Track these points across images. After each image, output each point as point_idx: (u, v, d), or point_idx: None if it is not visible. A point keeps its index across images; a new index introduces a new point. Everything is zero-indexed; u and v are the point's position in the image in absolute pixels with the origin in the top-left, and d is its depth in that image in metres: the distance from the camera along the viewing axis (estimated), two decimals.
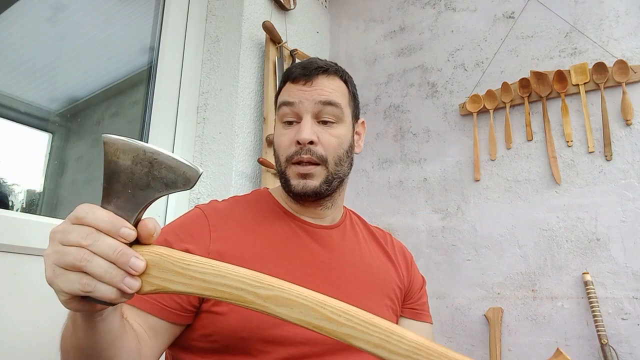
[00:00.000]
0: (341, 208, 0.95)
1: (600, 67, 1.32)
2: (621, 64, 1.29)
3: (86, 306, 0.48)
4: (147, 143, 1.46)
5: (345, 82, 0.88)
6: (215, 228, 0.78)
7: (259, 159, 1.40)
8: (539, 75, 1.41)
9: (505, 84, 1.47)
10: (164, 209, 1.35)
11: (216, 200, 0.89)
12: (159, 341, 0.72)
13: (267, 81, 1.49)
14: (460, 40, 1.63)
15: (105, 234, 0.45)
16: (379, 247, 0.96)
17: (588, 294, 1.22)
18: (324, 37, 1.93)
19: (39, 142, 1.20)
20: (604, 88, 1.32)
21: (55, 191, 1.21)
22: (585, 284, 1.24)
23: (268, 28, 1.50)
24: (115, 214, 0.46)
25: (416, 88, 1.69)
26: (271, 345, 0.72)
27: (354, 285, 0.84)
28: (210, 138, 1.45)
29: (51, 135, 1.23)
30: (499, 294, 1.38)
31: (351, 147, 0.88)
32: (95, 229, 0.44)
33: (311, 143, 0.80)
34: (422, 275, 1.02)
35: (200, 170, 0.47)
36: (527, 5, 1.51)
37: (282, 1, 1.63)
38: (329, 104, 0.82)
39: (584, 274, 1.26)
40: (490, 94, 1.50)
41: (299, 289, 0.48)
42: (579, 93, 1.36)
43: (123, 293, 0.46)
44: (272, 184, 1.39)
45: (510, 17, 1.54)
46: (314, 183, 0.81)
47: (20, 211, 1.10)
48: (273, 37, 1.53)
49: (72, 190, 1.25)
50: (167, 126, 1.41)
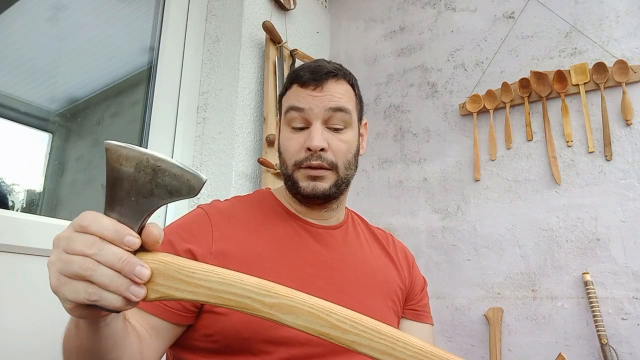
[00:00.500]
0: (344, 209, 0.95)
1: (600, 67, 1.32)
2: (621, 64, 1.29)
3: (91, 313, 0.48)
4: (148, 147, 1.45)
5: (352, 86, 0.88)
6: (217, 228, 0.78)
7: (259, 159, 1.40)
8: (539, 75, 1.41)
9: (505, 84, 1.47)
10: (164, 209, 1.35)
11: (218, 200, 0.89)
12: (161, 341, 0.72)
13: (267, 81, 1.49)
14: (460, 40, 1.63)
15: (109, 242, 0.44)
16: (380, 248, 0.96)
17: (588, 294, 1.22)
18: (324, 37, 1.93)
19: (39, 142, 1.20)
20: (604, 88, 1.32)
21: (55, 191, 1.21)
22: (585, 284, 1.24)
23: (268, 28, 1.50)
24: (119, 221, 0.45)
25: (416, 88, 1.69)
26: (273, 345, 0.72)
27: (355, 286, 0.84)
28: (210, 138, 1.45)
29: (51, 135, 1.23)
30: (499, 294, 1.38)
31: (358, 150, 0.88)
32: (100, 237, 0.44)
33: (321, 150, 0.81)
34: (424, 277, 1.02)
35: (204, 178, 0.47)
36: (527, 5, 1.51)
37: (282, 1, 1.63)
38: (339, 110, 0.82)
39: (584, 274, 1.26)
40: (490, 94, 1.50)
41: (304, 296, 0.49)
42: (579, 93, 1.36)
43: (128, 301, 0.46)
44: (272, 184, 1.39)
45: (510, 17, 1.54)
46: (324, 185, 0.82)
47: (20, 211, 1.10)
48: (273, 37, 1.53)
49: (72, 190, 1.25)
50: (167, 126, 1.41)
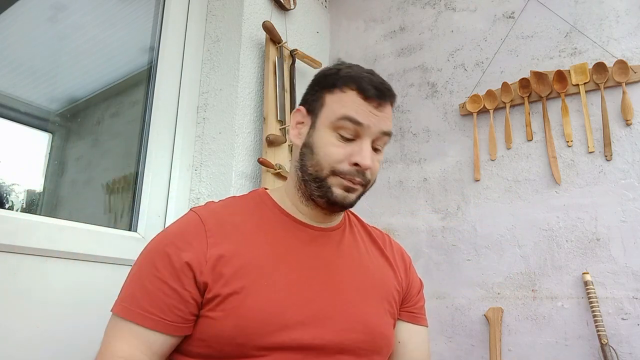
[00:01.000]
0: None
1: (600, 67, 1.32)
2: (621, 64, 1.29)
3: None
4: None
5: (392, 105, 0.87)
6: (212, 233, 0.77)
7: (259, 159, 1.40)
8: (539, 75, 1.41)
9: (505, 84, 1.47)
10: (164, 209, 1.35)
11: (212, 201, 0.87)
12: (161, 358, 0.73)
13: (267, 81, 1.49)
14: (460, 40, 1.63)
15: None
16: (377, 249, 0.96)
17: (588, 294, 1.22)
18: (324, 37, 1.93)
19: (39, 142, 1.20)
20: (604, 88, 1.32)
21: (55, 191, 1.21)
22: (585, 284, 1.24)
23: (268, 28, 1.50)
24: None
25: (416, 88, 1.69)
26: (267, 350, 0.72)
27: (352, 288, 0.84)
28: (210, 138, 1.45)
29: (51, 135, 1.23)
30: (499, 294, 1.38)
31: None
32: None
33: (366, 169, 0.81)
34: (420, 278, 1.02)
35: None
36: (527, 5, 1.51)
37: (282, 1, 1.63)
38: (388, 134, 0.84)
39: (584, 274, 1.26)
40: (490, 94, 1.50)
41: None
42: (579, 93, 1.36)
43: None
44: (272, 184, 1.39)
45: (510, 17, 1.54)
46: (353, 197, 0.83)
47: (20, 211, 1.10)
48: (273, 37, 1.53)
49: (72, 190, 1.25)
50: (167, 126, 1.41)
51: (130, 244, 1.19)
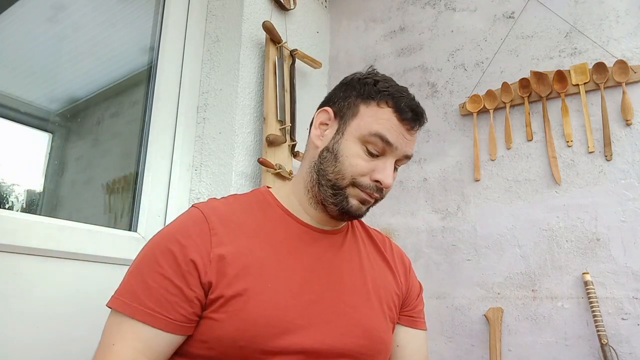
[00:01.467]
0: None
1: (600, 67, 1.32)
2: (621, 64, 1.29)
3: None
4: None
5: None
6: (215, 232, 0.76)
7: (259, 159, 1.40)
8: (539, 75, 1.41)
9: (505, 84, 1.47)
10: (164, 210, 1.35)
11: (215, 198, 0.86)
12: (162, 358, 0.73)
13: (267, 81, 1.49)
14: (460, 40, 1.63)
15: None
16: (377, 253, 0.95)
17: (588, 294, 1.22)
18: (324, 37, 1.93)
19: (39, 142, 1.20)
20: (604, 88, 1.32)
21: (55, 191, 1.21)
22: (585, 284, 1.24)
23: (268, 28, 1.50)
24: None
25: (416, 88, 1.69)
26: (268, 354, 0.72)
27: (352, 292, 0.83)
28: (210, 138, 1.45)
29: (51, 135, 1.23)
30: (499, 294, 1.38)
31: None
32: None
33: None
34: (420, 282, 1.02)
35: None
36: (527, 5, 1.51)
37: (282, 1, 1.63)
38: (409, 158, 0.85)
39: (584, 274, 1.26)
40: (490, 94, 1.50)
41: None
42: (579, 93, 1.36)
43: None
44: (272, 184, 1.39)
45: (510, 17, 1.54)
46: (364, 209, 0.84)
47: (20, 211, 1.10)
48: (273, 37, 1.53)
49: (72, 190, 1.25)
50: (167, 126, 1.41)
51: (130, 244, 1.19)
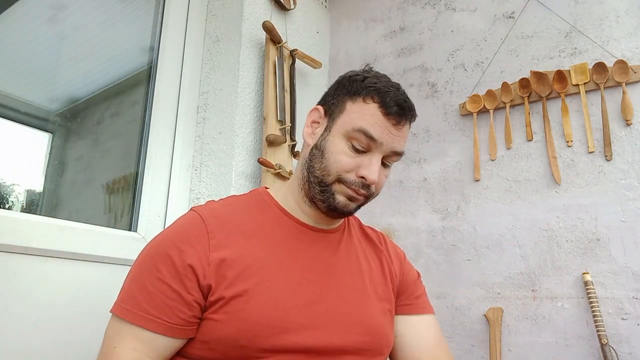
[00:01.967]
0: None
1: (600, 67, 1.32)
2: (621, 64, 1.29)
3: None
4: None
5: (411, 125, 0.87)
6: (214, 235, 0.76)
7: (259, 159, 1.40)
8: (539, 75, 1.41)
9: (505, 84, 1.47)
10: (164, 210, 1.35)
11: (213, 200, 0.87)
12: None
13: (267, 81, 1.49)
14: (460, 40, 1.63)
15: None
16: (374, 249, 0.96)
17: (588, 294, 1.22)
18: (324, 37, 1.93)
19: (39, 142, 1.20)
20: (604, 88, 1.32)
21: (55, 191, 1.21)
22: (585, 284, 1.24)
23: (268, 28, 1.50)
24: None
25: (416, 88, 1.69)
26: (269, 353, 0.72)
27: (352, 290, 0.84)
28: (210, 138, 1.45)
29: (51, 135, 1.23)
30: (499, 294, 1.38)
31: None
32: None
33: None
34: (417, 270, 1.01)
35: None
36: (527, 5, 1.51)
37: (282, 1, 1.63)
38: (399, 155, 0.83)
39: (584, 274, 1.26)
40: (490, 94, 1.50)
41: None
42: (579, 93, 1.36)
43: None
44: (272, 184, 1.39)
45: (510, 17, 1.54)
46: (354, 206, 0.83)
47: (20, 211, 1.10)
48: (273, 37, 1.53)
49: (72, 190, 1.25)
50: (167, 126, 1.41)
51: (130, 244, 1.19)
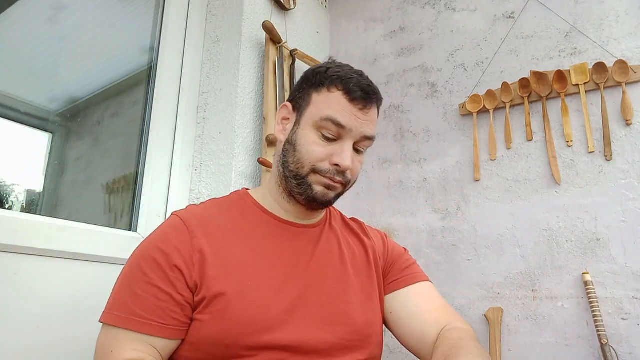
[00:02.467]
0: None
1: (600, 67, 1.32)
2: (621, 64, 1.29)
3: None
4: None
5: (379, 109, 0.87)
6: (195, 235, 0.77)
7: (259, 159, 1.40)
8: (539, 75, 1.41)
9: (505, 84, 1.47)
10: (164, 210, 1.35)
11: (194, 204, 0.88)
12: None
13: (267, 81, 1.49)
14: (460, 40, 1.63)
15: None
16: (356, 236, 0.96)
17: (588, 294, 1.22)
18: (324, 37, 1.93)
19: (39, 142, 1.20)
20: (604, 88, 1.32)
21: (55, 191, 1.21)
22: (585, 284, 1.24)
23: (268, 28, 1.50)
24: None
25: (416, 88, 1.69)
26: (255, 350, 0.72)
27: (335, 282, 0.84)
28: (210, 138, 1.45)
29: (51, 135, 1.23)
30: (499, 294, 1.38)
31: None
32: None
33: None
34: (404, 247, 1.01)
35: None
36: (527, 5, 1.51)
37: (282, 1, 1.63)
38: (370, 139, 0.83)
39: (584, 274, 1.26)
40: (490, 94, 1.50)
41: None
42: (579, 93, 1.36)
43: None
44: None
45: (510, 17, 1.54)
46: (332, 195, 0.84)
47: (20, 211, 1.10)
48: (273, 37, 1.53)
49: (72, 190, 1.25)
50: (167, 126, 1.41)
51: (130, 244, 1.18)
